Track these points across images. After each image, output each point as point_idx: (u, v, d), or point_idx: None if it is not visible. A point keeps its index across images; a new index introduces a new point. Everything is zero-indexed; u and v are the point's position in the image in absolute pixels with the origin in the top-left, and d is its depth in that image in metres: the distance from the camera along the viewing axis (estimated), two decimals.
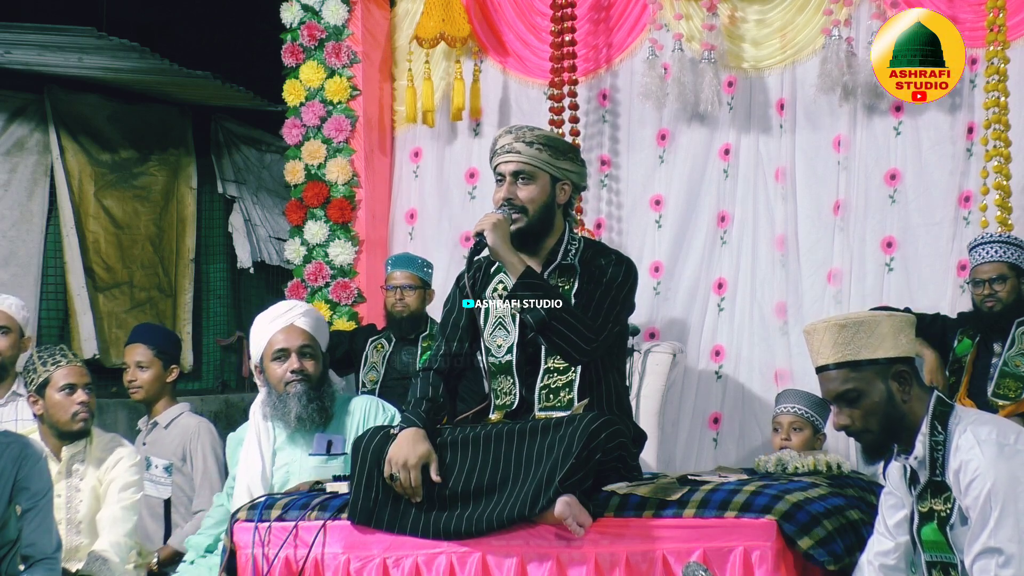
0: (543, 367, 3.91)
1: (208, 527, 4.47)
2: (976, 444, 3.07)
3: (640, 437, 4.03)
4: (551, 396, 3.88)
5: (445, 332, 4.10)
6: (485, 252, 3.91)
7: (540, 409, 3.88)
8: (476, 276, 4.08)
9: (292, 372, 4.26)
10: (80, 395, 4.65)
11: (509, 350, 3.95)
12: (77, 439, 4.70)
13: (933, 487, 3.15)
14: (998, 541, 3.00)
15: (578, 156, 4.06)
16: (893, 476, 3.32)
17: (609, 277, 3.91)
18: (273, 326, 4.34)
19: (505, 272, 3.93)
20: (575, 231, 4.07)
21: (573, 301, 3.86)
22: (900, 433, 3.19)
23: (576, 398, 3.86)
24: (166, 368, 5.36)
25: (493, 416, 3.97)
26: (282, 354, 4.29)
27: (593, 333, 3.80)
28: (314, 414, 4.25)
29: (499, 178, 3.97)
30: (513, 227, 3.88)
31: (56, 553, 4.16)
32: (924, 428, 3.16)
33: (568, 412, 3.80)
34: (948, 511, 3.12)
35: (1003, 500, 3.00)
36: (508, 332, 3.96)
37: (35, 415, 4.74)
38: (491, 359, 3.99)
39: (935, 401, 3.18)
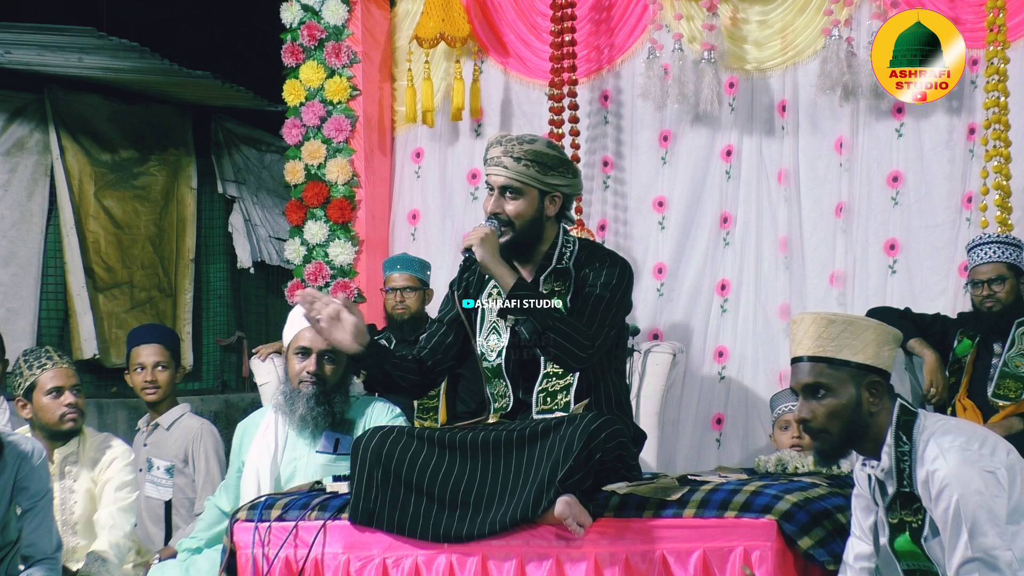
0: (543, 372, 3.90)
1: (200, 530, 4.47)
2: (940, 454, 3.03)
3: (640, 437, 4.02)
4: (548, 399, 3.87)
5: (430, 329, 4.11)
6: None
7: (537, 412, 3.87)
8: (469, 280, 4.06)
9: (308, 373, 4.27)
10: (67, 397, 4.65)
11: (499, 354, 3.93)
12: (68, 440, 4.70)
13: (902, 498, 3.12)
14: (975, 551, 2.97)
15: (569, 168, 3.99)
16: (861, 481, 3.29)
17: (603, 280, 3.89)
18: (303, 321, 4.32)
19: None
20: (570, 233, 4.06)
21: (568, 306, 3.85)
22: (861, 442, 3.16)
23: (574, 401, 3.85)
24: (176, 368, 5.38)
25: (491, 418, 3.96)
26: (304, 352, 4.30)
27: (589, 340, 3.79)
28: (319, 417, 4.26)
29: (488, 188, 3.95)
30: (501, 239, 3.88)
31: (56, 553, 4.17)
32: (889, 439, 3.12)
33: (567, 413, 3.80)
34: (920, 522, 3.09)
35: (973, 508, 2.97)
36: (500, 336, 3.95)
37: (26, 419, 4.75)
38: (485, 363, 3.98)
39: (898, 410, 3.14)
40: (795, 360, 3.21)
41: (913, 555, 3.13)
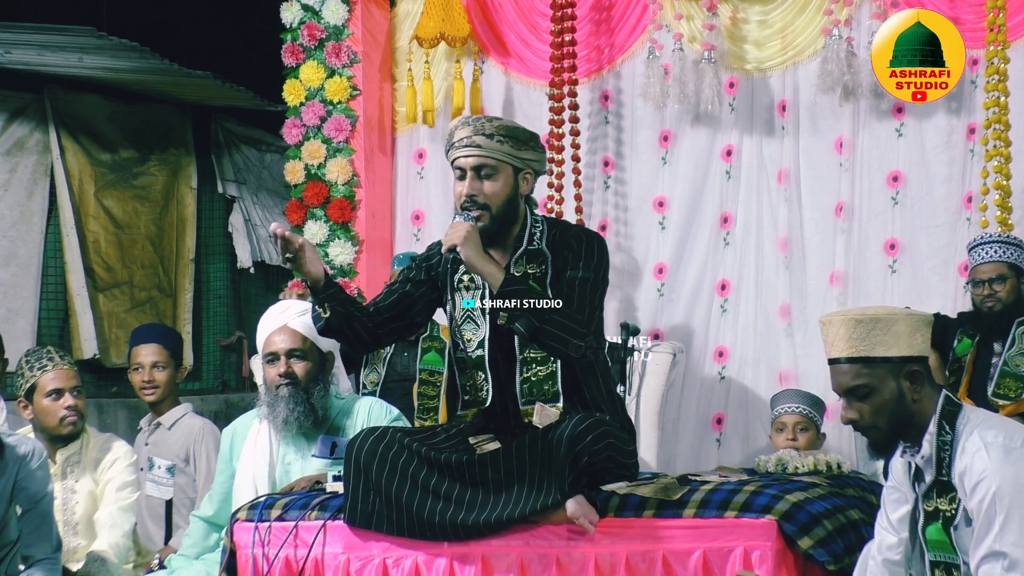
0: (519, 358, 3.79)
1: (188, 546, 4.45)
2: (982, 447, 3.04)
3: (628, 426, 3.95)
4: (534, 390, 3.78)
5: (391, 287, 4.00)
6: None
7: (524, 403, 3.78)
8: (438, 269, 3.96)
9: (280, 375, 4.23)
10: (67, 399, 4.62)
11: (480, 344, 3.82)
12: (70, 442, 4.69)
13: (939, 487, 3.14)
14: (1003, 545, 2.97)
15: (539, 143, 3.91)
16: (897, 471, 3.31)
17: (584, 260, 3.78)
18: (269, 327, 4.32)
19: None
20: (536, 212, 3.93)
21: (549, 288, 3.75)
22: (908, 431, 3.18)
23: (560, 390, 3.77)
24: (177, 368, 5.36)
25: (466, 412, 3.88)
26: (272, 356, 4.27)
27: (584, 327, 3.69)
28: (301, 417, 4.21)
29: (459, 173, 3.82)
30: (479, 226, 3.76)
31: (56, 553, 4.17)
32: (931, 427, 3.14)
33: (555, 403, 3.75)
34: (953, 512, 3.10)
35: (1008, 504, 2.97)
36: (478, 326, 3.84)
37: (28, 420, 4.74)
38: (460, 354, 3.87)
39: (943, 400, 3.16)
40: (832, 362, 3.22)
41: (941, 545, 3.13)
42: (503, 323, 3.69)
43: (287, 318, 4.32)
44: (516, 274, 3.77)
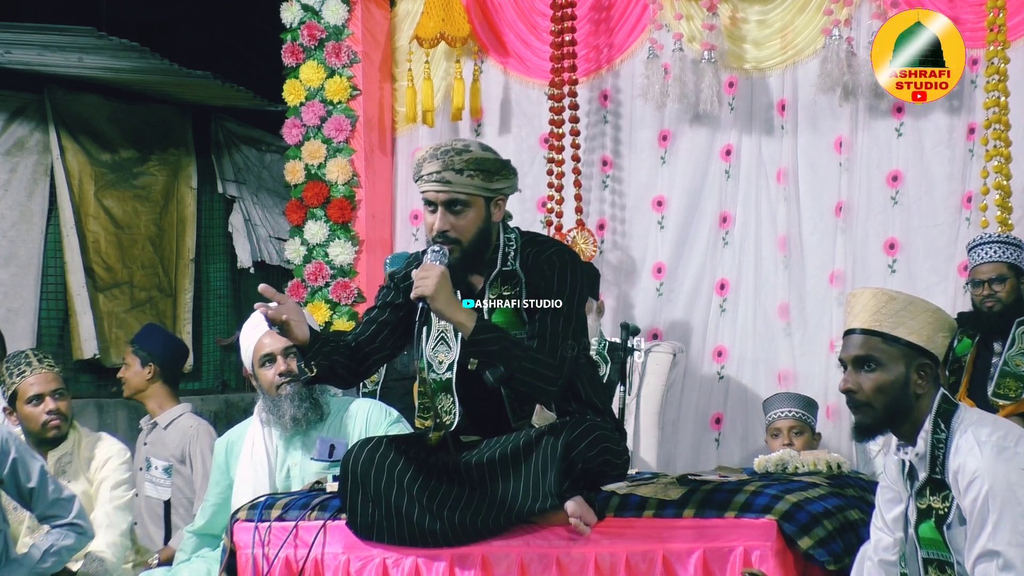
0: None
1: (180, 561, 4.44)
2: (976, 445, 3.05)
3: (620, 429, 3.93)
4: (524, 407, 3.73)
5: (369, 315, 3.88)
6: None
7: (515, 421, 3.72)
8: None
9: (280, 375, 4.24)
10: (48, 403, 4.60)
11: (450, 367, 3.75)
12: (59, 444, 4.68)
13: (932, 484, 3.14)
14: (997, 544, 2.98)
15: (510, 169, 3.78)
16: (891, 470, 3.31)
17: (556, 290, 3.68)
18: (257, 332, 4.30)
19: None
20: (509, 229, 3.81)
21: (523, 312, 3.68)
22: (901, 423, 3.17)
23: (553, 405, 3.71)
24: (143, 366, 5.33)
25: (431, 436, 3.80)
26: (268, 358, 4.27)
27: (556, 372, 3.61)
28: (308, 412, 4.24)
29: (429, 205, 3.69)
30: (450, 258, 3.64)
31: (77, 519, 4.24)
32: (927, 425, 3.14)
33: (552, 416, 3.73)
34: (946, 510, 3.11)
35: (1001, 503, 2.98)
36: (450, 348, 3.77)
37: (17, 426, 4.74)
38: (432, 375, 3.80)
39: (940, 399, 3.16)
40: (848, 332, 3.20)
41: (934, 543, 3.14)
42: (473, 368, 3.63)
43: None
44: (487, 319, 3.67)
